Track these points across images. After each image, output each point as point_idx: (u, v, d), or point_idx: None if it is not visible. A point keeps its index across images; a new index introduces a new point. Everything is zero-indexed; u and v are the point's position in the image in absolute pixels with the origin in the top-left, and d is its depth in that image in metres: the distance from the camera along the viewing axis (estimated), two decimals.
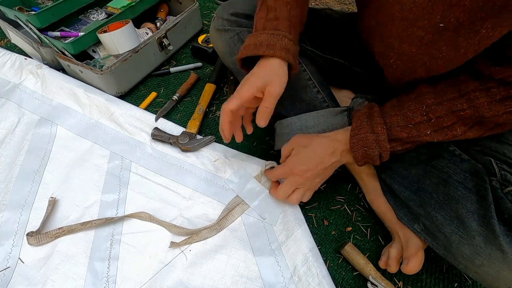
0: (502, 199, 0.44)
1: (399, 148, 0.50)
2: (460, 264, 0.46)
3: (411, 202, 0.52)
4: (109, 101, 0.81)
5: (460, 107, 0.45)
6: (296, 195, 0.58)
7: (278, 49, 0.50)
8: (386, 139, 0.49)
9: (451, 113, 0.45)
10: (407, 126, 0.48)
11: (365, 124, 0.50)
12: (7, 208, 0.64)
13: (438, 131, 0.47)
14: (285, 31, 0.52)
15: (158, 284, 0.56)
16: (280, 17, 0.52)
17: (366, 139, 0.50)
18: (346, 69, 0.73)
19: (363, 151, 0.50)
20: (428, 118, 0.47)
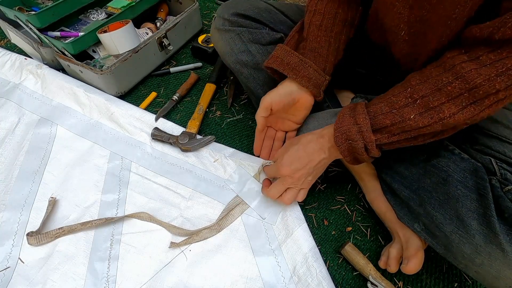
0: (502, 198, 0.43)
1: (385, 140, 0.47)
2: (460, 263, 0.46)
3: (411, 201, 0.52)
4: (109, 101, 0.81)
5: (446, 80, 0.41)
6: (288, 195, 0.58)
7: (300, 76, 0.57)
8: (370, 130, 0.46)
9: (437, 91, 0.42)
10: (391, 112, 0.45)
11: (347, 116, 0.49)
12: (7, 208, 0.64)
13: (424, 113, 0.43)
14: (313, 61, 0.57)
15: (158, 284, 0.56)
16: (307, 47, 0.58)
17: (349, 131, 0.48)
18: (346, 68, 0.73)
19: (348, 144, 0.49)
20: (412, 100, 0.44)
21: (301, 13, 0.72)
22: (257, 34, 0.66)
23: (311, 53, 0.57)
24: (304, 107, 0.61)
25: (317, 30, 0.57)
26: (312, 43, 0.57)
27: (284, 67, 0.57)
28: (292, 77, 0.57)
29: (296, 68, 0.57)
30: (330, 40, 0.58)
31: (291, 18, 0.70)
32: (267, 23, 0.67)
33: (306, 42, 0.58)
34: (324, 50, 0.58)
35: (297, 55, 0.57)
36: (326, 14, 0.57)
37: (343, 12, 0.58)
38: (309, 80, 0.57)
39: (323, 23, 0.58)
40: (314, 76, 0.57)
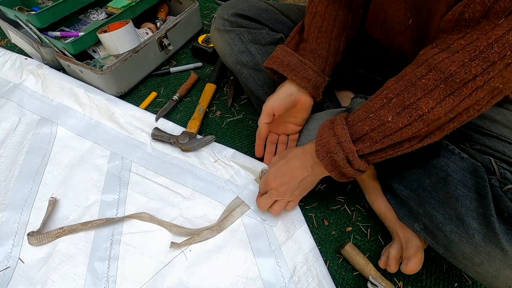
0: (502, 197, 0.43)
1: (368, 150, 0.44)
2: (460, 263, 0.46)
3: (411, 201, 0.52)
4: (109, 101, 0.81)
5: (419, 74, 0.39)
6: (276, 207, 0.59)
7: (299, 78, 0.57)
8: (349, 139, 0.44)
9: (411, 86, 0.40)
10: (368, 116, 0.43)
11: (327, 129, 0.48)
12: (7, 208, 0.64)
13: (401, 112, 0.40)
14: (312, 63, 0.57)
15: (158, 284, 0.56)
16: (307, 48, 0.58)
17: (328, 144, 0.46)
18: (346, 70, 0.73)
19: (329, 158, 0.47)
20: (388, 100, 0.42)
21: (301, 13, 0.72)
22: (257, 34, 0.66)
23: (311, 55, 0.58)
24: (304, 108, 0.61)
25: (318, 31, 0.58)
26: (312, 44, 0.58)
27: (284, 68, 0.57)
28: (292, 78, 0.57)
29: (296, 69, 0.57)
30: (330, 42, 0.58)
31: (291, 19, 0.70)
32: (267, 24, 0.67)
33: (306, 43, 0.58)
34: (324, 51, 0.58)
35: (296, 56, 0.57)
36: (326, 16, 0.58)
37: (344, 15, 0.59)
38: (309, 81, 0.57)
39: (323, 25, 0.58)
40: (314, 78, 0.57)
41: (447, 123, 0.40)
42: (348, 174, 0.48)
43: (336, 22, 0.58)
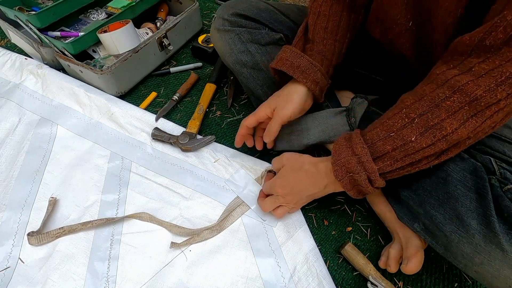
0: (502, 197, 0.43)
1: (389, 168, 0.44)
2: (460, 263, 0.46)
3: (411, 201, 0.52)
4: (109, 101, 0.81)
5: (443, 96, 0.40)
6: (280, 211, 0.59)
7: (310, 80, 0.56)
8: (370, 159, 0.44)
9: (435, 107, 0.40)
10: (389, 136, 0.43)
11: (344, 147, 0.46)
12: (7, 208, 0.64)
13: (424, 133, 0.41)
14: (320, 64, 0.57)
15: (158, 284, 0.56)
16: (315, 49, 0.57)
17: (348, 163, 0.45)
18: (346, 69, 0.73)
19: (349, 177, 0.46)
20: (410, 120, 0.42)
21: (301, 13, 0.72)
22: (256, 34, 0.66)
23: (318, 56, 0.57)
24: (306, 110, 0.61)
25: (323, 32, 0.57)
26: (319, 45, 0.57)
27: (294, 70, 0.56)
28: (302, 81, 0.56)
29: (306, 71, 0.56)
30: (335, 44, 0.58)
31: (290, 19, 0.70)
32: (266, 23, 0.67)
33: (313, 44, 0.57)
34: (330, 53, 0.58)
35: (307, 58, 0.56)
36: (331, 16, 0.57)
37: (348, 15, 0.58)
38: (317, 84, 0.57)
39: (328, 26, 0.57)
40: (321, 80, 0.57)
41: (465, 140, 0.41)
42: (367, 192, 0.47)
43: (341, 23, 0.58)
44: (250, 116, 0.60)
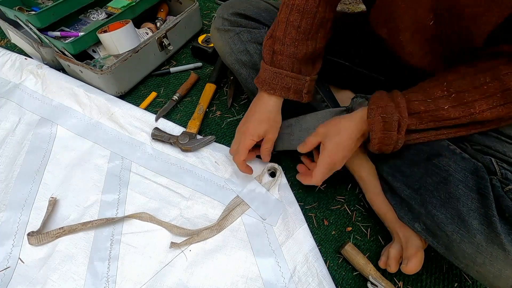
0: (503, 198, 0.43)
1: (413, 126, 0.49)
2: (461, 263, 0.46)
3: (412, 200, 0.52)
4: (109, 101, 0.81)
5: (483, 80, 0.44)
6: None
7: (278, 89, 0.57)
8: (406, 108, 0.48)
9: (473, 89, 0.44)
10: (425, 100, 0.47)
11: (385, 95, 0.50)
12: (7, 208, 0.64)
13: (456, 106, 0.46)
14: (287, 69, 0.56)
15: (158, 284, 0.56)
16: (285, 53, 0.56)
17: (385, 106, 0.49)
18: (346, 69, 0.73)
19: (380, 118, 0.49)
20: (448, 93, 0.46)
21: None
22: (256, 33, 0.66)
23: (289, 60, 0.56)
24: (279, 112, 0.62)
25: (296, 32, 0.55)
26: (290, 48, 0.55)
27: (262, 85, 0.58)
28: (271, 93, 0.57)
29: (273, 82, 0.57)
30: (308, 43, 0.56)
31: None
32: (266, 23, 0.67)
33: (283, 46, 0.55)
34: (301, 54, 0.56)
35: (269, 70, 0.57)
36: (305, 13, 0.54)
37: (323, 11, 0.56)
38: (288, 89, 0.57)
39: (301, 25, 0.55)
40: (293, 83, 0.57)
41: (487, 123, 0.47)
42: (389, 140, 0.50)
43: (315, 20, 0.55)
44: (241, 151, 0.61)
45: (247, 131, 0.60)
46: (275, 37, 0.56)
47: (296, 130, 0.67)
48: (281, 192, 0.66)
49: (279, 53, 0.56)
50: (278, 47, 0.56)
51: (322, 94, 0.68)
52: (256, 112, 0.60)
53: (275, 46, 0.56)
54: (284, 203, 0.64)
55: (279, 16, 0.56)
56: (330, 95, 0.69)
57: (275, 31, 0.57)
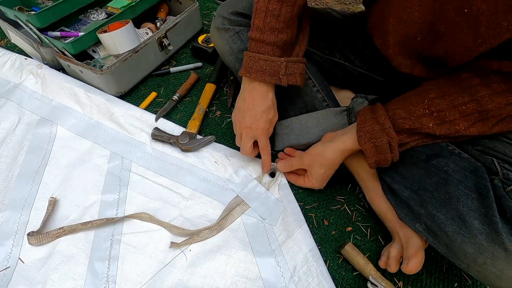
0: (504, 198, 0.43)
1: (407, 140, 0.51)
2: (462, 263, 0.46)
3: (412, 201, 0.52)
4: (109, 101, 0.81)
5: (462, 100, 0.46)
6: None
7: (253, 72, 0.56)
8: (391, 128, 0.50)
9: (452, 108, 0.46)
10: (409, 118, 0.49)
11: (369, 118, 0.52)
12: (7, 208, 0.64)
13: (441, 125, 0.48)
14: (265, 53, 0.56)
15: (158, 284, 0.56)
16: (265, 41, 0.55)
17: (372, 131, 0.51)
18: (346, 69, 0.73)
19: (371, 144, 0.51)
20: (430, 112, 0.48)
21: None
22: None
23: (269, 47, 0.55)
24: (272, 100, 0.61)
25: (275, 21, 0.54)
26: (270, 36, 0.54)
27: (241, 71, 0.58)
28: (247, 76, 0.57)
29: (249, 66, 0.57)
30: (288, 31, 0.56)
31: None
32: None
33: (263, 34, 0.55)
34: (282, 42, 0.55)
35: (246, 55, 0.57)
36: (285, 1, 0.53)
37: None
38: (263, 72, 0.56)
39: (281, 13, 0.54)
40: (267, 66, 0.56)
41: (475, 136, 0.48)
42: (384, 161, 0.52)
43: (295, 7, 0.54)
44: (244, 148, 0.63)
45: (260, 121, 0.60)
46: (254, 24, 0.56)
47: (296, 129, 0.67)
48: (281, 191, 0.66)
49: (259, 40, 0.56)
50: (258, 35, 0.55)
51: (323, 93, 0.68)
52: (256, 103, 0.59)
53: (254, 34, 0.56)
54: (284, 202, 0.64)
55: (257, 3, 0.55)
56: (330, 95, 0.69)
57: (253, 19, 0.56)
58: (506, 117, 0.45)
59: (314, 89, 0.67)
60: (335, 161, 0.59)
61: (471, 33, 0.41)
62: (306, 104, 0.68)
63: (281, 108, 0.70)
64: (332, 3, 1.37)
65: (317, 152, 0.60)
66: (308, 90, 0.68)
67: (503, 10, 0.37)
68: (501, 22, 0.38)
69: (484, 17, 0.39)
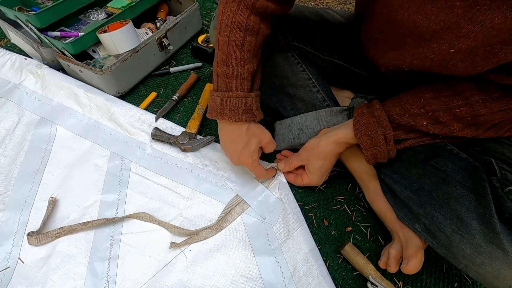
0: (503, 198, 0.44)
1: (403, 136, 0.51)
2: (460, 263, 0.46)
3: (411, 201, 0.52)
4: (109, 101, 0.81)
5: (456, 103, 0.46)
6: None
7: (226, 113, 0.52)
8: (387, 120, 0.50)
9: (446, 109, 0.47)
10: (404, 115, 0.50)
11: (365, 112, 0.53)
12: (7, 208, 0.64)
13: (435, 124, 0.48)
14: (234, 89, 0.52)
15: (158, 284, 0.56)
16: (231, 75, 0.51)
17: (368, 123, 0.51)
18: (346, 70, 0.73)
19: (367, 136, 0.52)
20: (425, 111, 0.48)
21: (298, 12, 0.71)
22: None
23: (236, 81, 0.52)
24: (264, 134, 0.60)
25: (240, 51, 0.51)
26: (235, 68, 0.51)
27: (211, 112, 0.54)
28: (219, 118, 0.53)
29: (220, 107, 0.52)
30: (253, 60, 0.53)
31: None
32: None
33: (228, 67, 0.51)
34: (248, 73, 0.53)
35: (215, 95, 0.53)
36: (249, 30, 0.50)
37: (264, 27, 0.53)
38: (237, 111, 0.52)
39: (245, 42, 0.51)
40: (240, 103, 0.52)
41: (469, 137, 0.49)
42: (380, 154, 0.52)
43: (258, 36, 0.52)
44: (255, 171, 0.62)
45: (242, 157, 0.58)
46: (218, 58, 0.52)
47: (296, 129, 0.67)
48: (280, 191, 0.66)
49: (224, 76, 0.52)
50: (223, 69, 0.52)
51: (323, 93, 0.68)
52: (229, 140, 0.57)
53: (219, 68, 0.52)
54: (284, 202, 0.64)
55: (219, 35, 0.51)
56: (330, 95, 0.69)
57: (217, 51, 0.52)
58: (499, 122, 0.46)
59: (314, 89, 0.68)
60: (331, 153, 0.59)
61: (467, 63, 0.42)
62: (306, 104, 0.68)
63: (281, 108, 0.70)
64: (332, 3, 1.38)
65: (312, 146, 0.61)
66: (308, 90, 0.68)
67: (496, 42, 0.37)
68: (498, 53, 0.38)
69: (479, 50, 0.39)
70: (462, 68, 0.43)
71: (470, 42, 0.38)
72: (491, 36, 0.36)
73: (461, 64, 0.42)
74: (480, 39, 0.37)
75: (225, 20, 0.50)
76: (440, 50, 0.42)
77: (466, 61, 0.41)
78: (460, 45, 0.39)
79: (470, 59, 0.41)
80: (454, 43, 0.39)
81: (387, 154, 0.52)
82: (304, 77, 0.67)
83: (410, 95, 0.51)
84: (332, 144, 0.58)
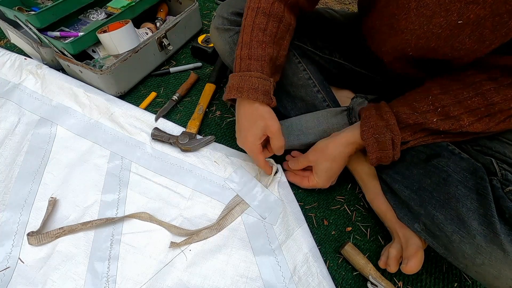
0: (503, 199, 0.43)
1: (409, 138, 0.50)
2: (460, 263, 0.46)
3: (412, 201, 0.52)
4: (109, 101, 0.81)
5: (467, 95, 0.45)
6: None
7: (245, 91, 0.53)
8: (396, 124, 0.50)
9: (457, 103, 0.46)
10: (413, 113, 0.49)
11: (373, 114, 0.52)
12: (7, 208, 0.64)
13: (445, 120, 0.47)
14: (255, 70, 0.53)
15: (158, 284, 0.56)
16: (253, 56, 0.54)
17: (376, 126, 0.51)
18: (346, 69, 0.73)
19: (374, 139, 0.51)
20: (434, 107, 0.47)
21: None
22: None
23: (257, 63, 0.54)
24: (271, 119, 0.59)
25: (262, 34, 0.54)
26: (257, 50, 0.54)
27: (231, 92, 0.54)
28: (238, 96, 0.54)
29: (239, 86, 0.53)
30: (274, 46, 0.55)
31: None
32: None
33: (250, 49, 0.54)
34: (269, 56, 0.54)
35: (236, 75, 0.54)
36: (272, 16, 0.53)
37: (288, 16, 0.55)
38: (256, 90, 0.53)
39: (268, 27, 0.54)
40: (260, 84, 0.53)
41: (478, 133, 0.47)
42: (385, 158, 0.52)
43: (281, 24, 0.54)
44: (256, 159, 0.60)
45: (247, 141, 0.58)
46: (242, 42, 0.55)
47: (296, 129, 0.67)
48: (281, 191, 0.66)
49: (246, 57, 0.54)
50: (245, 52, 0.54)
51: (323, 94, 0.68)
52: (244, 119, 0.57)
53: (242, 51, 0.54)
54: (284, 202, 0.64)
55: (245, 20, 0.55)
56: (331, 95, 0.69)
57: (241, 37, 0.55)
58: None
59: (314, 89, 0.68)
60: (340, 155, 0.58)
61: (475, 38, 0.41)
62: (307, 105, 0.68)
63: (281, 108, 0.70)
64: (332, 3, 1.38)
65: (321, 147, 0.61)
66: (308, 90, 0.68)
67: (505, 11, 0.37)
68: (507, 22, 0.37)
69: (487, 21, 0.38)
70: (470, 45, 0.42)
71: (479, 10, 0.37)
72: (500, 3, 0.36)
73: (468, 40, 0.41)
74: (488, 7, 0.37)
75: (252, 6, 0.54)
76: (447, 24, 0.41)
77: (474, 35, 0.40)
78: (469, 14, 0.39)
79: (478, 33, 0.40)
80: (463, 11, 0.39)
81: (391, 158, 0.52)
82: (305, 76, 0.67)
83: (417, 93, 0.50)
84: (341, 146, 0.58)
